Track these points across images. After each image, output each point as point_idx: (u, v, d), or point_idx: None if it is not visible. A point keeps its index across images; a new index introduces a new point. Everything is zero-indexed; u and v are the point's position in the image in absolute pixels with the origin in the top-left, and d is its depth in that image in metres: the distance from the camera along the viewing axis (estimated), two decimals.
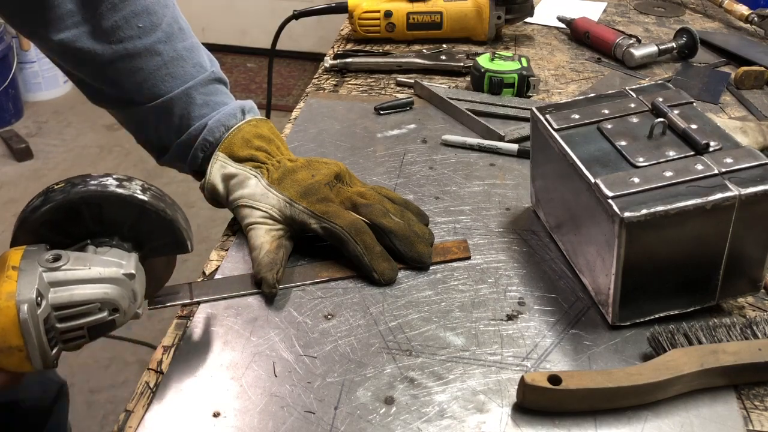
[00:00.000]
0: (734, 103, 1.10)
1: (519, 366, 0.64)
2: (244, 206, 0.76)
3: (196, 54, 0.82)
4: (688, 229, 0.62)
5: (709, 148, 0.66)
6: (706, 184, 0.62)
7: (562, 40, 1.34)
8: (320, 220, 0.73)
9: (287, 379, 0.62)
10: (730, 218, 0.62)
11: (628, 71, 1.21)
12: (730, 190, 0.61)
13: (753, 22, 1.34)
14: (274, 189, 0.76)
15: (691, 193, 0.61)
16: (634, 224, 0.60)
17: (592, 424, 0.59)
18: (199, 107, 0.81)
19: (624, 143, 0.69)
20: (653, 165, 0.65)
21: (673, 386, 0.59)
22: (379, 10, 1.26)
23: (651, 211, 0.60)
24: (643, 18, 1.44)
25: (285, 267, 0.72)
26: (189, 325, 0.68)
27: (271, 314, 0.69)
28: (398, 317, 0.69)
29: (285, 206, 0.75)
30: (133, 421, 0.60)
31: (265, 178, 0.77)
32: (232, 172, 0.78)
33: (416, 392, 0.61)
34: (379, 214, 0.74)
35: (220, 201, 0.80)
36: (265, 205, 0.75)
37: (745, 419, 0.59)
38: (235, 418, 0.59)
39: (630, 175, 0.64)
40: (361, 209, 0.75)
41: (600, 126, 0.72)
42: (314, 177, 0.77)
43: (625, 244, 0.61)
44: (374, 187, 0.80)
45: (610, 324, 0.67)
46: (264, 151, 0.79)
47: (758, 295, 0.72)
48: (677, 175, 0.63)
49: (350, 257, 0.73)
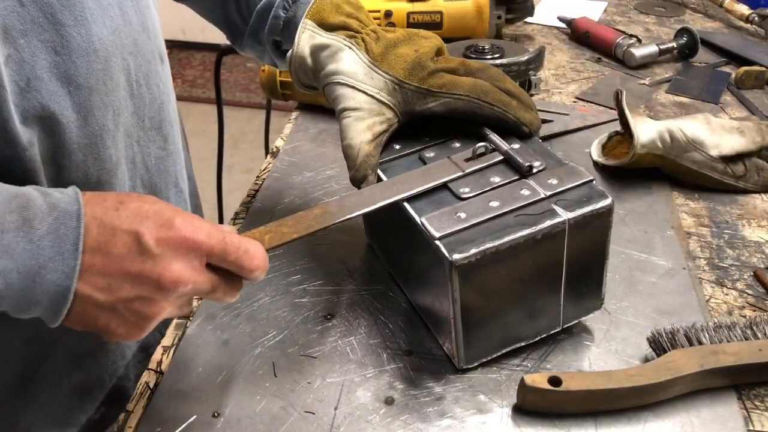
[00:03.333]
0: (735, 103, 1.10)
1: (519, 366, 0.64)
2: (341, 84, 0.65)
3: None
4: (521, 260, 0.58)
5: (533, 169, 0.62)
6: (533, 211, 0.59)
7: (562, 39, 1.34)
8: (438, 96, 0.65)
9: (287, 379, 0.62)
10: (562, 243, 0.59)
11: (629, 71, 1.21)
12: (558, 216, 0.58)
13: (753, 22, 1.34)
14: (379, 67, 0.66)
15: (519, 223, 0.58)
16: (465, 266, 0.56)
17: (593, 424, 0.59)
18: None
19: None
20: (479, 195, 0.61)
21: (673, 387, 0.59)
22: (379, 10, 1.26)
23: (481, 249, 0.56)
24: (644, 18, 1.44)
25: (377, 172, 0.66)
26: (189, 325, 0.68)
27: (271, 314, 0.69)
28: (398, 317, 0.69)
29: (394, 89, 0.65)
30: (133, 421, 0.60)
31: (363, 51, 0.66)
32: (323, 42, 0.66)
33: (416, 392, 0.61)
34: (498, 76, 0.67)
35: (307, 76, 0.70)
36: (370, 87, 0.65)
37: (746, 419, 0.59)
38: (234, 418, 0.59)
39: (456, 210, 0.59)
40: (478, 74, 0.67)
41: (422, 155, 0.67)
42: (418, 51, 0.67)
43: (459, 286, 0.57)
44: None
45: (456, 368, 0.64)
46: (356, 19, 0.69)
47: (758, 295, 0.72)
48: (503, 204, 0.59)
49: (488, 122, 0.66)
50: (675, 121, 0.87)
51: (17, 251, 0.47)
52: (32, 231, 0.47)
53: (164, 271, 0.49)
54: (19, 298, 0.48)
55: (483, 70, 0.67)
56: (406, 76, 0.65)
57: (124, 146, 0.66)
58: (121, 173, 0.65)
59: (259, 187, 0.89)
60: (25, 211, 0.48)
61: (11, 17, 0.52)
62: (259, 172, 0.93)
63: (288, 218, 0.58)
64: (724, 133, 0.87)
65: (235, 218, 0.84)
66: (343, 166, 0.65)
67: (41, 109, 0.56)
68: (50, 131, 0.57)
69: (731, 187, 0.88)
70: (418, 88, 0.65)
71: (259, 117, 2.98)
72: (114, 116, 0.62)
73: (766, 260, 0.77)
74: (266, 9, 0.72)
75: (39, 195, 0.49)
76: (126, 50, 0.63)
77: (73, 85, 0.57)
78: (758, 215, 0.84)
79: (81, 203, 0.49)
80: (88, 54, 0.58)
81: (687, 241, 0.80)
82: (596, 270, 0.63)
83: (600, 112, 1.06)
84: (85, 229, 0.49)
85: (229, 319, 0.69)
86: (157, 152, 0.73)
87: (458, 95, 0.65)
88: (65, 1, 0.55)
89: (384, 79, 0.65)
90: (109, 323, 0.51)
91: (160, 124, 0.72)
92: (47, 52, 0.55)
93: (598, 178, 0.90)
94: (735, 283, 0.74)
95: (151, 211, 0.50)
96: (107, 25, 0.60)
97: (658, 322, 0.67)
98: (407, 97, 0.66)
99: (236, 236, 0.53)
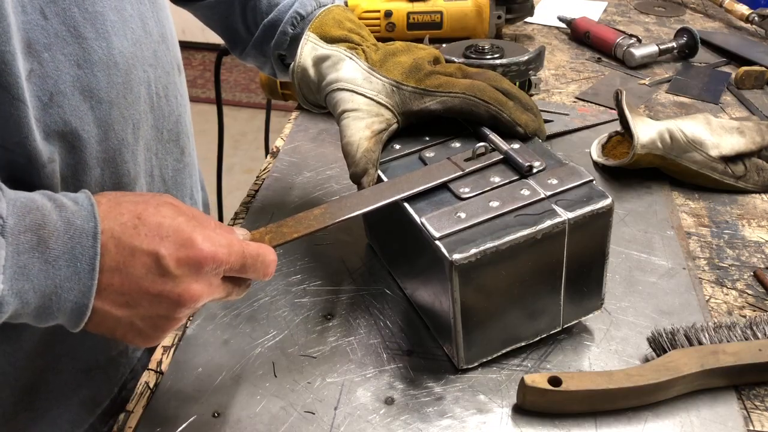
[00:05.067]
0: (735, 103, 1.10)
1: (519, 366, 0.64)
2: (341, 90, 0.67)
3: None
4: (521, 260, 0.58)
5: (532, 169, 0.62)
6: (533, 211, 0.59)
7: (562, 39, 1.34)
8: (435, 96, 0.66)
9: (287, 379, 0.62)
10: (562, 243, 0.59)
11: (629, 71, 1.21)
12: (558, 216, 0.58)
13: (753, 22, 1.34)
14: (377, 71, 0.67)
15: (520, 223, 0.58)
16: (465, 266, 0.56)
17: (593, 424, 0.59)
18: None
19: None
20: (478, 195, 0.61)
21: (673, 387, 0.59)
22: (379, 10, 1.26)
23: (481, 249, 0.56)
24: (644, 18, 1.44)
25: (378, 167, 0.66)
26: (189, 325, 0.68)
27: (271, 314, 0.69)
28: (398, 317, 0.69)
29: (392, 90, 0.67)
30: (133, 421, 0.60)
31: (363, 59, 0.68)
32: (325, 53, 0.68)
33: (416, 392, 0.61)
34: (496, 78, 0.68)
35: (310, 89, 0.71)
36: (369, 90, 0.66)
37: (746, 419, 0.59)
38: (234, 418, 0.59)
39: (456, 210, 0.59)
40: (475, 76, 0.68)
41: (422, 155, 0.67)
42: (416, 58, 0.69)
43: (459, 286, 0.57)
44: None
45: (456, 368, 0.64)
46: (357, 34, 0.71)
47: (758, 295, 0.72)
48: (503, 205, 0.59)
49: (484, 121, 0.67)
50: (675, 121, 0.87)
51: (33, 272, 0.46)
52: (48, 251, 0.47)
53: (184, 292, 0.49)
54: (36, 315, 0.48)
55: (480, 73, 0.68)
56: (403, 78, 0.67)
57: (143, 160, 0.65)
58: (139, 187, 0.65)
59: (259, 187, 0.89)
60: (41, 229, 0.47)
61: (35, 31, 0.51)
62: (259, 172, 0.93)
63: (288, 219, 0.58)
64: (724, 133, 0.87)
65: (235, 218, 0.84)
66: (343, 166, 0.65)
67: (63, 125, 0.55)
68: (71, 147, 0.56)
69: (731, 187, 0.88)
70: (416, 88, 0.67)
71: (259, 117, 2.98)
72: (134, 130, 0.62)
73: (766, 260, 0.77)
74: (273, 24, 0.73)
75: (53, 208, 0.48)
76: (146, 62, 0.62)
77: (94, 100, 0.57)
78: (758, 215, 0.84)
79: (97, 219, 0.48)
80: (109, 67, 0.57)
81: (687, 241, 0.80)
82: (596, 270, 0.63)
83: (600, 112, 1.06)
84: (102, 249, 0.48)
85: (229, 319, 0.69)
86: (174, 164, 0.72)
87: (454, 93, 0.66)
88: (87, 14, 0.55)
89: (382, 83, 0.67)
90: (126, 334, 0.51)
91: (178, 136, 0.71)
92: (70, 66, 0.54)
93: (598, 178, 0.90)
94: (735, 283, 0.74)
95: (171, 229, 0.49)
96: (128, 37, 0.59)
97: (658, 322, 0.67)
98: (405, 97, 0.67)
99: (252, 245, 0.53)
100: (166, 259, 0.48)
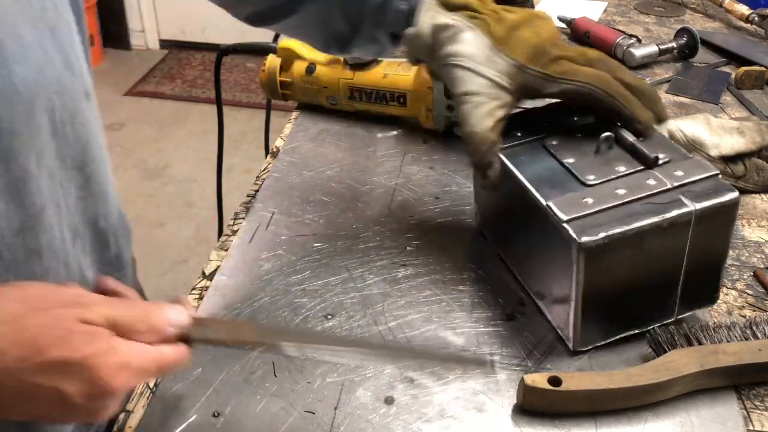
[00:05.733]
0: (735, 103, 1.10)
1: (519, 366, 0.64)
2: (461, 67, 0.65)
3: None
4: (646, 247, 0.60)
5: (658, 161, 0.63)
6: (660, 201, 0.60)
7: (562, 39, 1.34)
8: (559, 82, 0.65)
9: (287, 379, 0.62)
10: (687, 234, 0.60)
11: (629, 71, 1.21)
12: (686, 206, 0.59)
13: (753, 22, 1.34)
14: (501, 51, 0.65)
15: (647, 211, 0.59)
16: (592, 249, 0.57)
17: (593, 424, 0.59)
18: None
19: (572, 160, 0.65)
20: (604, 183, 0.62)
21: (673, 387, 0.59)
22: None
23: (609, 234, 0.57)
24: (644, 18, 1.44)
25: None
26: None
27: (271, 314, 0.69)
28: (398, 317, 0.69)
29: (516, 73, 0.65)
30: (133, 421, 0.60)
31: (486, 32, 0.65)
32: (445, 22, 0.66)
33: (416, 392, 0.61)
34: (619, 69, 0.67)
35: (421, 54, 0.69)
36: (492, 71, 0.64)
37: (746, 419, 0.59)
38: (235, 418, 0.59)
39: (582, 195, 0.61)
40: (597, 64, 0.66)
41: (545, 143, 0.68)
42: (540, 35, 0.66)
43: (584, 269, 0.58)
44: None
45: (571, 350, 0.65)
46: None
47: (758, 295, 0.72)
48: (630, 193, 0.61)
49: (601, 112, 0.67)
50: (675, 121, 0.87)
51: None
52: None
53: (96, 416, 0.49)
54: None
55: (602, 60, 0.67)
56: (528, 60, 0.65)
57: (48, 189, 0.61)
58: (47, 218, 0.61)
59: (259, 187, 0.89)
60: None
61: None
62: (259, 172, 0.93)
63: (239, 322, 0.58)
64: (724, 133, 0.87)
65: (235, 218, 0.84)
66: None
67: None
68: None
69: None
70: (540, 73, 0.65)
71: (259, 117, 2.97)
72: (37, 159, 0.59)
73: (766, 260, 0.77)
74: (380, 8, 0.71)
75: None
76: (51, 90, 0.59)
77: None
78: (758, 215, 0.84)
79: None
80: (10, 96, 0.54)
81: None
82: (716, 263, 0.64)
83: None
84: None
85: (228, 319, 0.69)
86: (78, 192, 0.67)
87: (580, 83, 0.65)
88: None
89: (506, 63, 0.65)
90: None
91: (83, 164, 0.67)
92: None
93: None
94: (735, 283, 0.74)
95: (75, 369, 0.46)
96: (30, 64, 0.56)
97: None
98: (527, 81, 0.65)
99: (169, 349, 0.51)
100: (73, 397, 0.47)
